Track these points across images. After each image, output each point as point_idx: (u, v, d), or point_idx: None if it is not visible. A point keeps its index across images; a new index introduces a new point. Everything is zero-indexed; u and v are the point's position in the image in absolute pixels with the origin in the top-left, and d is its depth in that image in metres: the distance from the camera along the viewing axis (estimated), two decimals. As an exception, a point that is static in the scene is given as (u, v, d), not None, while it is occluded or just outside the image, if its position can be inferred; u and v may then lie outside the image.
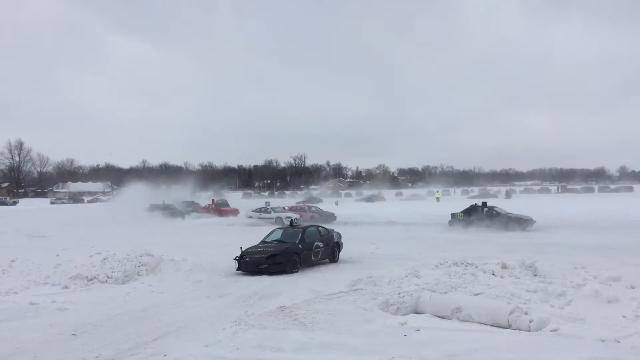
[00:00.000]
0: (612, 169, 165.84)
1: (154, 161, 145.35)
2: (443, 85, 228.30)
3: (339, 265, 15.82)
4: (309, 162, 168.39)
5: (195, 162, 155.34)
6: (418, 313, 8.91)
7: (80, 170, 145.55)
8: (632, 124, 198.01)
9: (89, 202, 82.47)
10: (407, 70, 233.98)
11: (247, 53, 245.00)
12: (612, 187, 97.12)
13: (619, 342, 6.62)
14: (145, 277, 13.68)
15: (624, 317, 7.66)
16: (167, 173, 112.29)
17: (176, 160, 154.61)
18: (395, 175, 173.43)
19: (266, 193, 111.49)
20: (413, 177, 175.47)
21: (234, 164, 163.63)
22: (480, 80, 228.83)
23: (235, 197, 71.78)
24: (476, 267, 11.21)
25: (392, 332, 7.71)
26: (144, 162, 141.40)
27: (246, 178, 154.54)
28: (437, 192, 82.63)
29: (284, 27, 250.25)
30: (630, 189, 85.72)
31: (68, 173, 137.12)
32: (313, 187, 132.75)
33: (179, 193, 56.56)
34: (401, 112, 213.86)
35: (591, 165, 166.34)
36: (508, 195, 73.17)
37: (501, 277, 10.40)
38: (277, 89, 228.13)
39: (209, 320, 9.24)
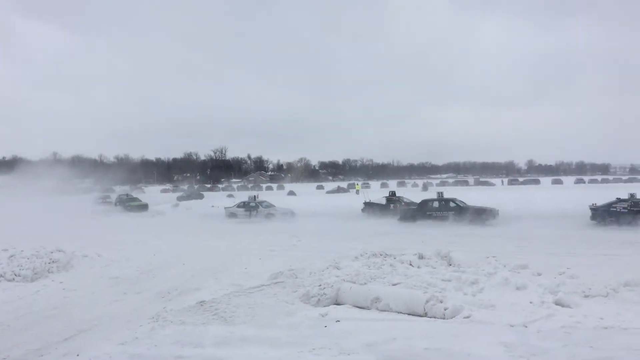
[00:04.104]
0: (521, 162, 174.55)
1: (66, 153, 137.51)
2: (368, 80, 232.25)
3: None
4: (230, 155, 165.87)
5: (110, 155, 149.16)
6: (338, 304, 9.02)
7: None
8: (541, 120, 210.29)
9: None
10: (333, 64, 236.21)
11: (170, 42, 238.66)
12: (521, 179, 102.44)
13: (526, 326, 7.00)
14: (56, 274, 13.00)
15: (531, 302, 8.10)
16: (80, 166, 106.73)
17: (91, 153, 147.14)
18: (317, 168, 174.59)
19: (185, 187, 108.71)
20: (334, 170, 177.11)
21: (152, 156, 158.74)
22: (404, 75, 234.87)
23: (153, 192, 69.67)
24: (394, 258, 11.53)
25: (312, 323, 7.76)
26: (54, 154, 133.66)
27: (165, 171, 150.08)
28: (357, 184, 78.87)
29: (210, 17, 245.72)
30: (537, 182, 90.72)
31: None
32: (234, 180, 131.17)
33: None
34: (325, 106, 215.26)
35: (502, 159, 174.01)
36: (425, 187, 74.78)
37: (418, 267, 10.75)
38: (200, 80, 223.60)
39: (125, 317, 8.95)
